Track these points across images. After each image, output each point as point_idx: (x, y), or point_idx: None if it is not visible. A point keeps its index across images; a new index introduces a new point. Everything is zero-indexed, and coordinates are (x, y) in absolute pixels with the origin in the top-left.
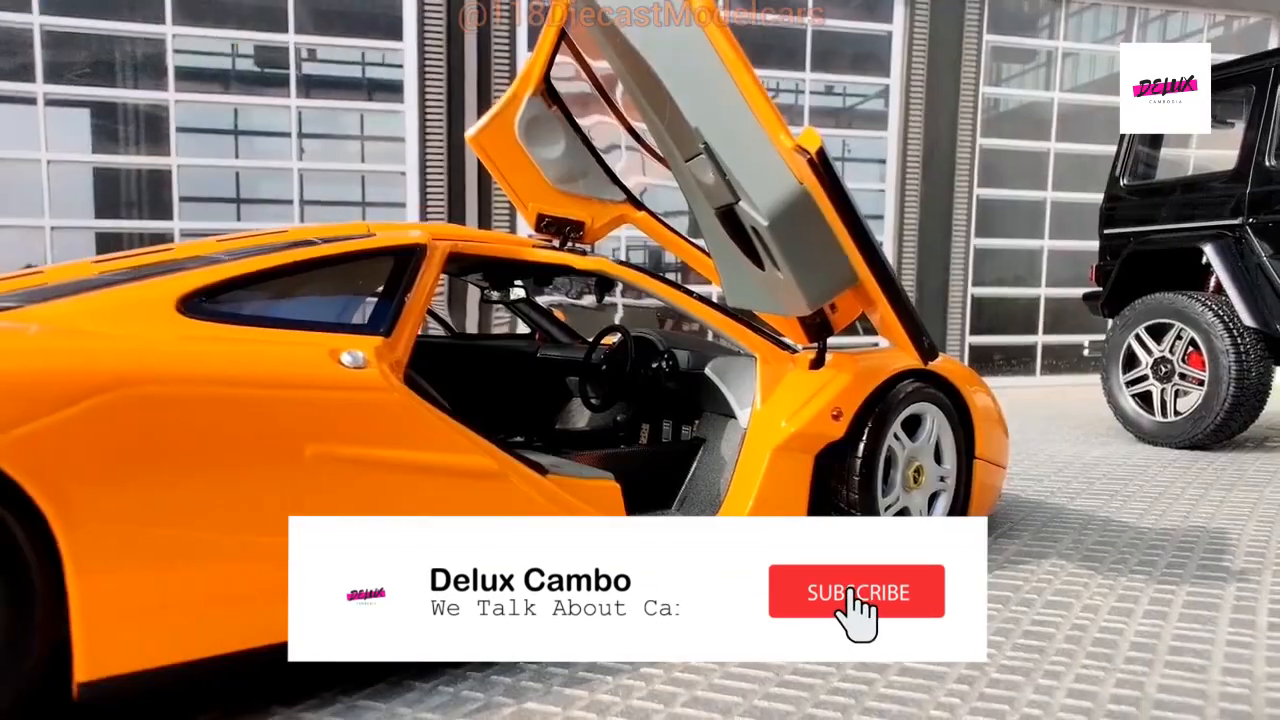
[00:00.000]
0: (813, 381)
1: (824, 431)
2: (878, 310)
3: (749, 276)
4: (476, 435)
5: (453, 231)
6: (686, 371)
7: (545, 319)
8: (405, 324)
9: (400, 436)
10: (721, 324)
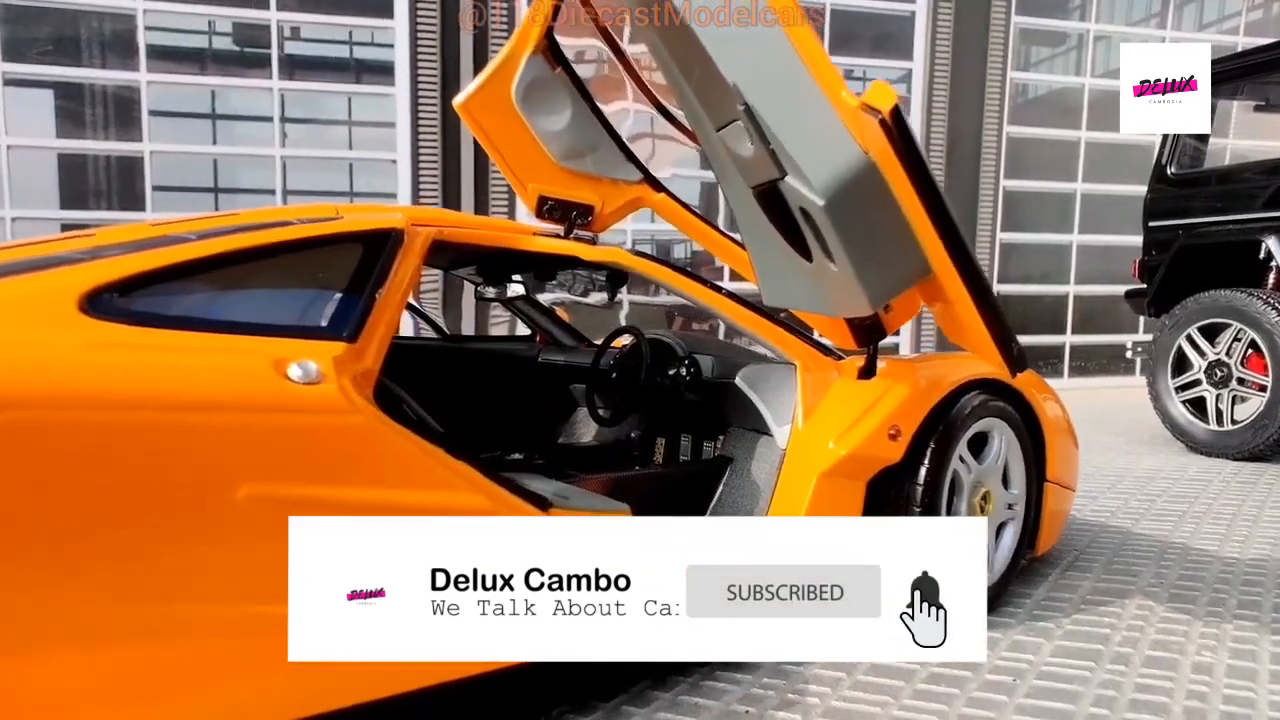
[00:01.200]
0: (864, 394)
1: (879, 454)
2: (954, 308)
3: (793, 270)
4: (465, 465)
5: (437, 216)
6: (710, 380)
7: (547, 319)
8: (375, 326)
9: (365, 472)
10: (755, 325)
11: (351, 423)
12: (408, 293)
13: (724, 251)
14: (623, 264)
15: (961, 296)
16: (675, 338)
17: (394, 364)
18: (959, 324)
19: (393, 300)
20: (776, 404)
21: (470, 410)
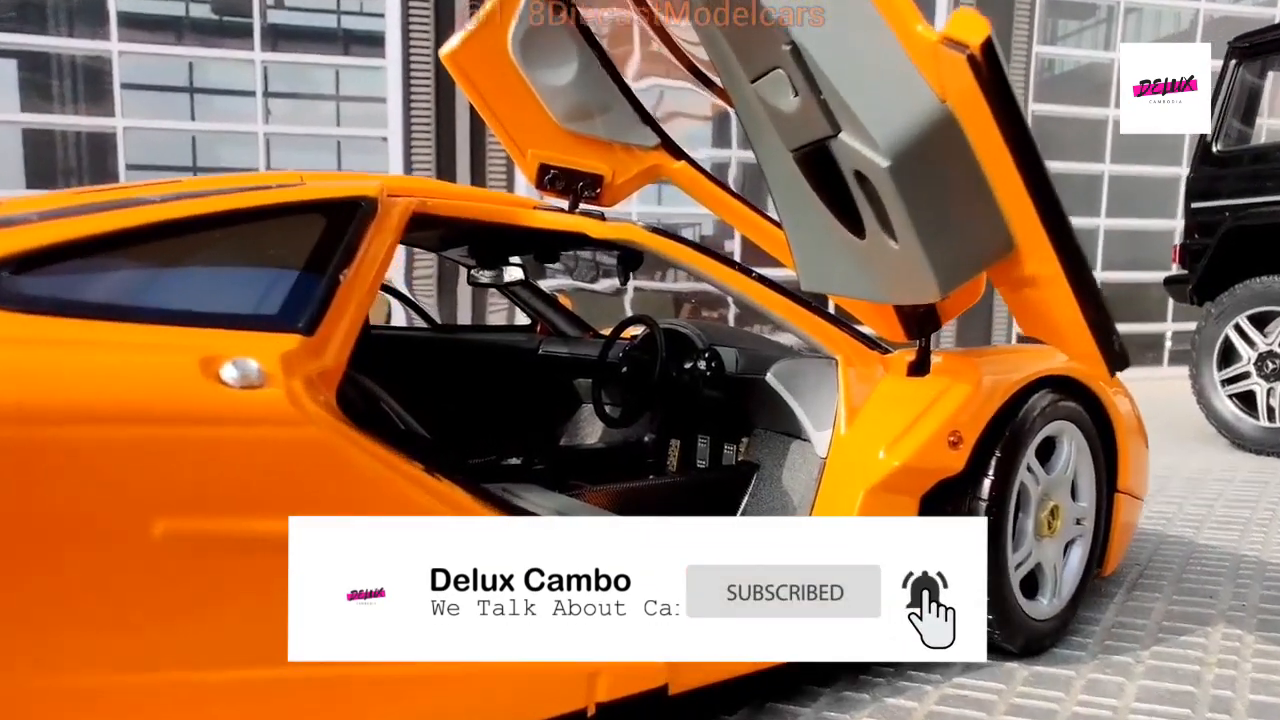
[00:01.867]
0: (918, 394)
1: (938, 465)
2: (1041, 293)
3: (840, 250)
4: (449, 485)
5: (420, 185)
6: (734, 376)
7: (549, 306)
8: (339, 315)
9: (319, 499)
10: (791, 314)
11: (302, 437)
12: (380, 274)
13: (755, 230)
14: (637, 242)
15: (1055, 278)
16: (693, 328)
17: (377, 357)
18: (1045, 312)
19: (361, 283)
20: (815, 405)
21: (462, 409)
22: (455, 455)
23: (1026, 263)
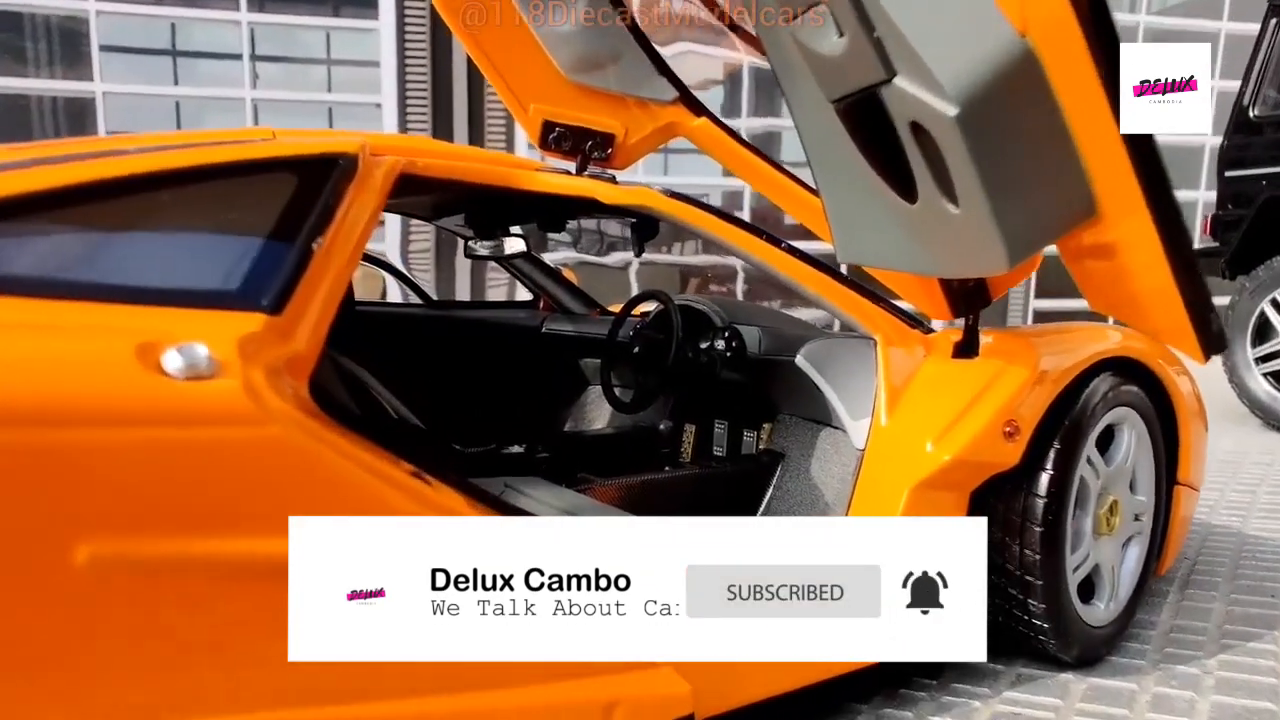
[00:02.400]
0: (967, 378)
1: (992, 458)
2: (1125, 264)
3: (885, 215)
4: (445, 488)
5: (408, 144)
6: (757, 358)
7: (552, 281)
8: (313, 289)
9: (283, 512)
10: (825, 288)
11: (262, 438)
12: (361, 243)
13: (786, 196)
14: (653, 208)
15: (1145, 246)
16: (711, 305)
17: (364, 337)
18: (1127, 286)
19: (339, 253)
20: (851, 391)
21: (460, 392)
22: (451, 447)
23: (1111, 228)
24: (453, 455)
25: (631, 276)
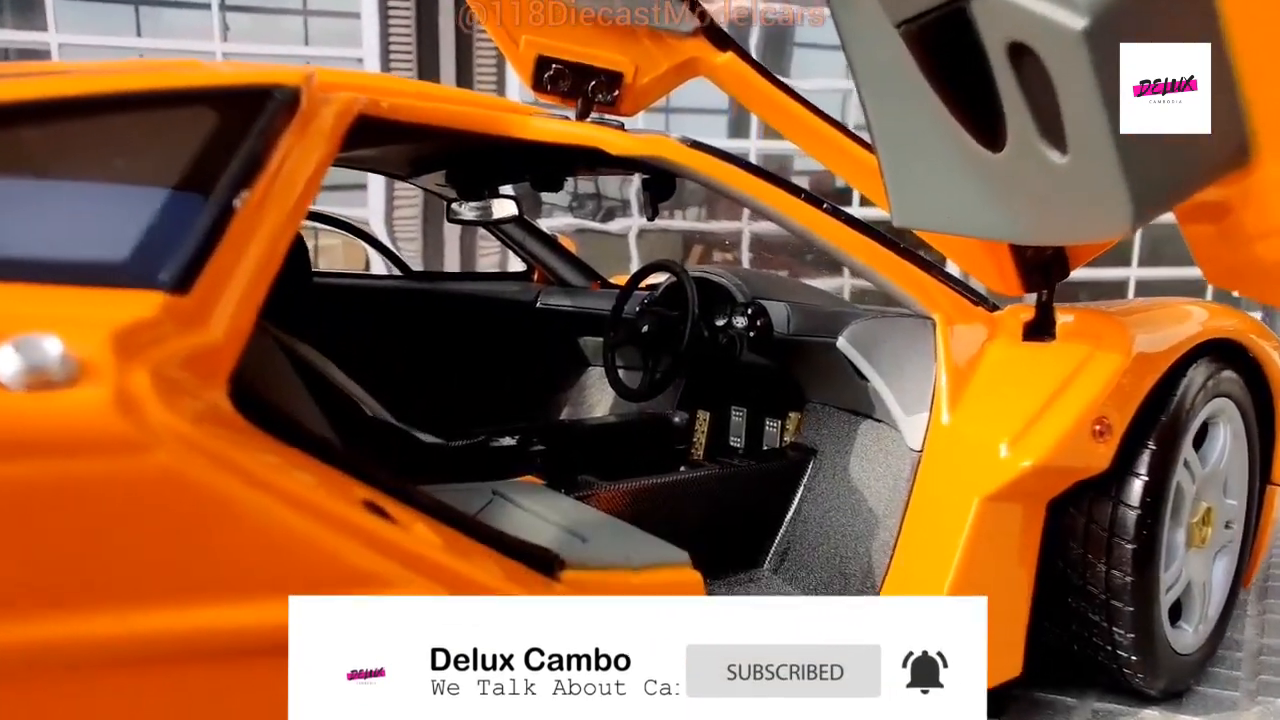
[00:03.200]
0: (1044, 366)
1: (1078, 462)
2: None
3: (957, 168)
4: (411, 517)
5: (369, 81)
6: (786, 338)
7: (548, 250)
8: (233, 261)
9: (167, 578)
10: (875, 258)
11: (138, 472)
12: (305, 200)
13: (829, 148)
14: (669, 160)
15: None
16: (731, 277)
17: (328, 315)
18: (1270, 256)
19: (273, 213)
20: (903, 380)
21: (443, 375)
22: (432, 445)
23: (1261, 179)
24: (434, 455)
25: (631, 243)
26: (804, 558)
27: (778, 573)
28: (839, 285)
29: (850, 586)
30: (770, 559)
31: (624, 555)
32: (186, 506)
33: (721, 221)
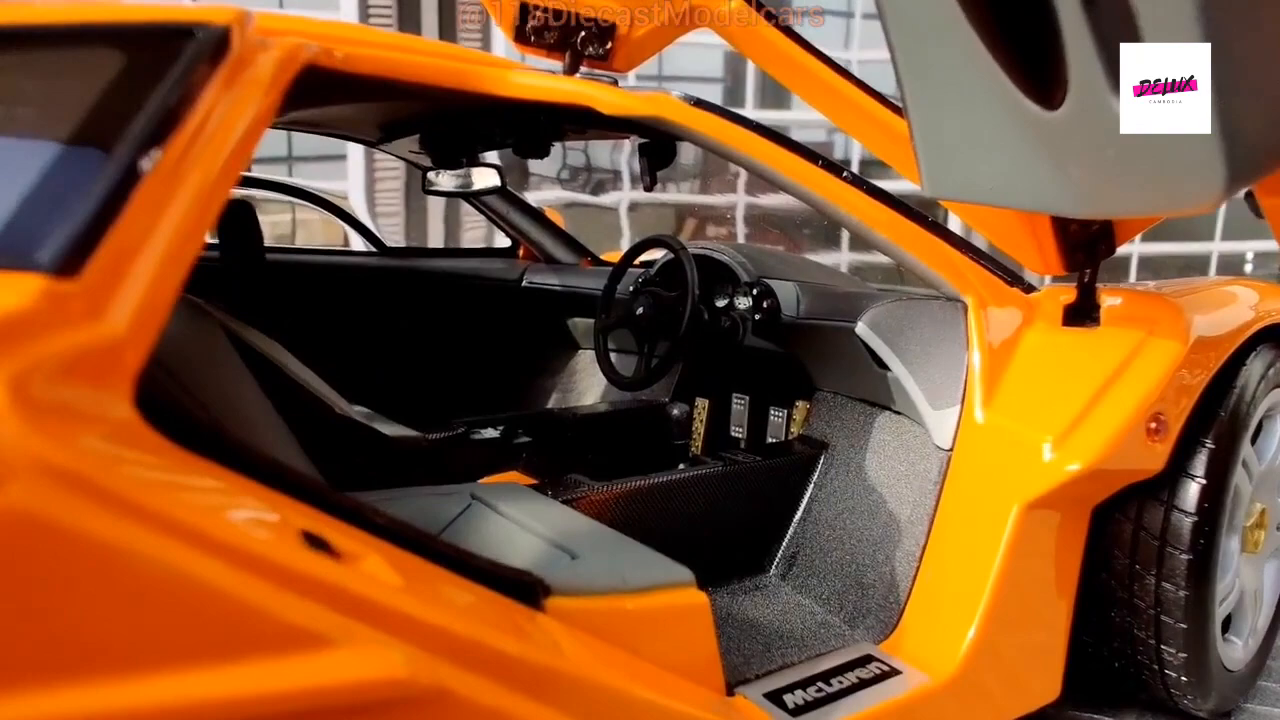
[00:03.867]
0: (1090, 354)
1: (1132, 463)
2: None
3: (1003, 129)
4: (363, 547)
5: (320, 28)
6: (795, 321)
7: (534, 224)
8: (140, 236)
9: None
10: (901, 233)
11: None
12: (237, 162)
13: (850, 111)
14: (670, 121)
15: None
16: (734, 254)
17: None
18: None
19: (194, 177)
20: (931, 370)
21: (420, 361)
22: (407, 444)
23: None
24: (409, 452)
25: (622, 217)
26: (815, 563)
27: (786, 579)
28: (836, 260)
29: (869, 598)
30: (777, 564)
31: (619, 575)
32: (40, 562)
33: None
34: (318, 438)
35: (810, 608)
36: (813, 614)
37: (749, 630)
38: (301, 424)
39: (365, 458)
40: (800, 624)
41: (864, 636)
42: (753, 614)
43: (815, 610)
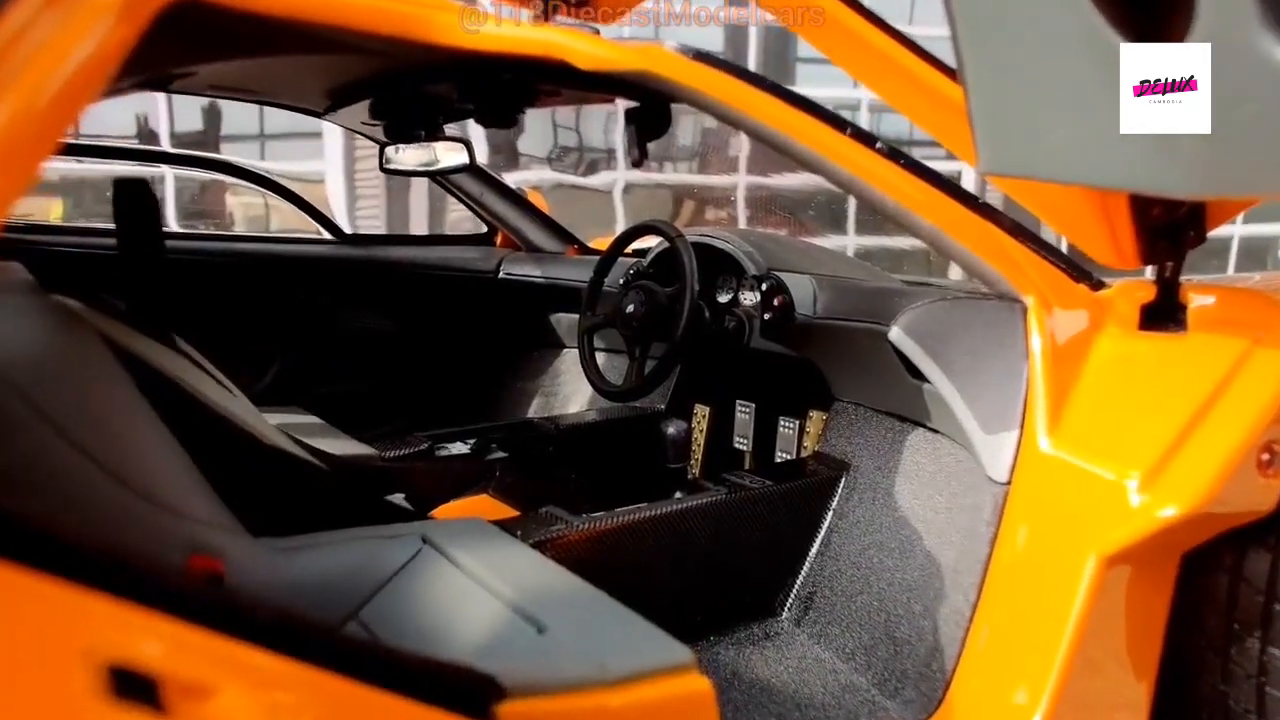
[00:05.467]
0: (1180, 367)
1: (1236, 505)
2: None
3: (1086, 89)
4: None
5: None
6: (813, 322)
7: (513, 208)
8: None
9: None
10: (950, 219)
11: None
12: (68, 109)
13: (888, 71)
14: (664, 78)
15: None
16: (741, 242)
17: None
18: None
19: None
20: (980, 386)
21: (379, 363)
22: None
23: None
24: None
25: (616, 201)
26: (836, 608)
27: (801, 625)
28: (840, 245)
29: (904, 659)
30: (791, 605)
31: (597, 661)
32: None
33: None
34: (240, 474)
35: (832, 664)
36: (835, 672)
37: (759, 694)
38: (217, 458)
39: (302, 493)
40: (821, 686)
41: (900, 711)
42: (763, 671)
43: (838, 668)
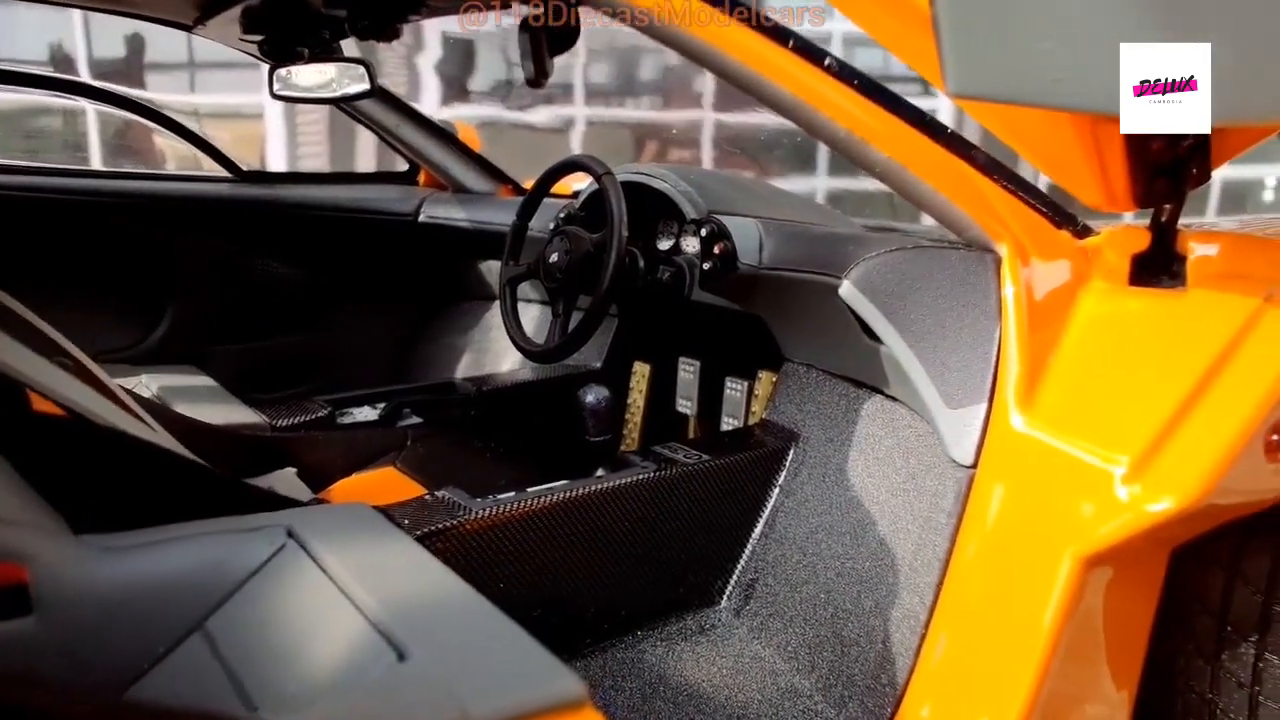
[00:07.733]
0: (1176, 330)
1: (1239, 494)
2: None
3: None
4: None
5: None
6: (758, 272)
7: (437, 142)
8: None
9: None
10: (914, 155)
11: None
12: None
13: None
14: None
15: None
16: (679, 181)
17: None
18: None
19: None
20: (945, 351)
21: (281, 316)
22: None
23: None
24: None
25: (574, 141)
26: (779, 598)
27: (741, 616)
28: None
29: (851, 662)
30: (730, 594)
31: (457, 702)
32: None
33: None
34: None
35: (772, 663)
36: (775, 674)
37: (687, 701)
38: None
39: (144, 480)
40: (759, 690)
41: None
42: (695, 673)
43: (780, 668)
